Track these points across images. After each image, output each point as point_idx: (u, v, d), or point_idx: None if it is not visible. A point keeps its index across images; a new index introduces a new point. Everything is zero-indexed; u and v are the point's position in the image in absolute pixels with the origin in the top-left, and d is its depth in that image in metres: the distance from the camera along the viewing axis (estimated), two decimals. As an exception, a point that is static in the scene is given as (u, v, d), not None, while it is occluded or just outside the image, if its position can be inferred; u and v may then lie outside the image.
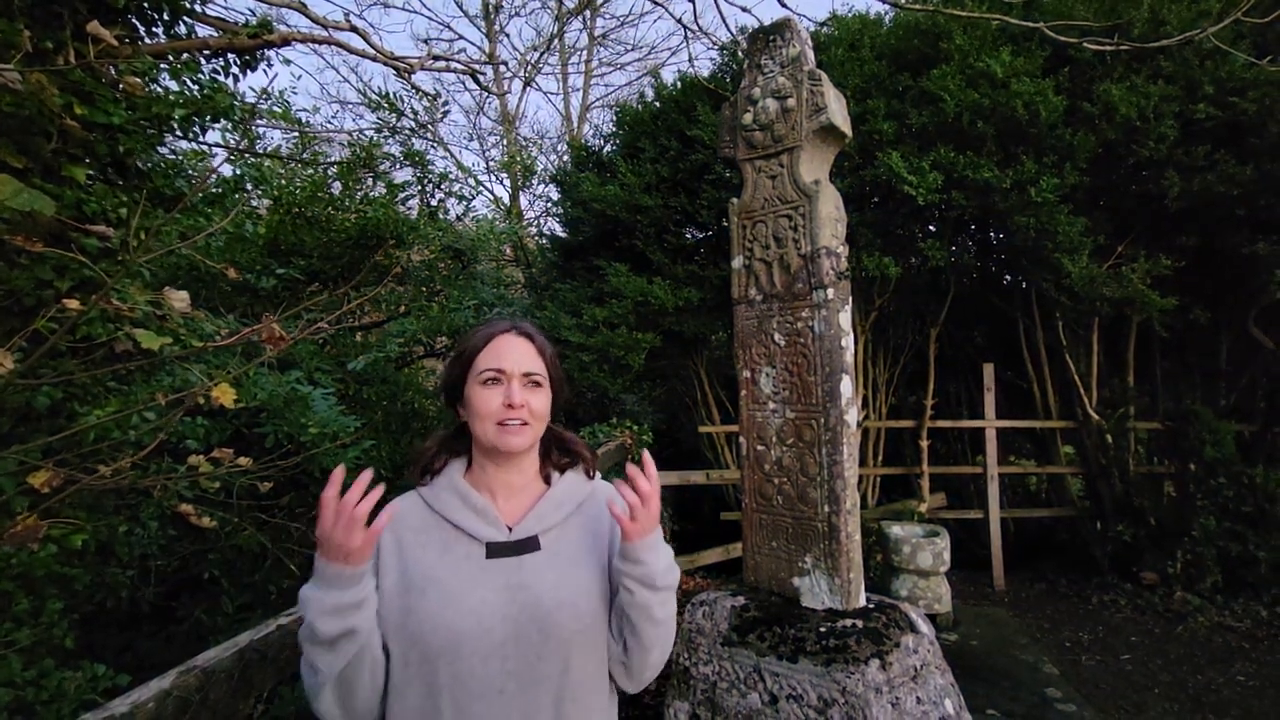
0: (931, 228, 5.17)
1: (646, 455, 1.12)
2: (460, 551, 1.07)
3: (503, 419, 1.09)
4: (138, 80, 2.24)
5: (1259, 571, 4.55)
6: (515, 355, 1.12)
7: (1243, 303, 4.92)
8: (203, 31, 2.92)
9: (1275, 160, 4.19)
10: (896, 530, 4.49)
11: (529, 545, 1.09)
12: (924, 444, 5.60)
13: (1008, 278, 5.85)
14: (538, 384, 1.14)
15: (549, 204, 10.79)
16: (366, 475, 0.97)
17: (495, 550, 1.07)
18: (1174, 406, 5.30)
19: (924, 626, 2.27)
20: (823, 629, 2.14)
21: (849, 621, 2.17)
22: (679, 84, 5.71)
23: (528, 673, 1.02)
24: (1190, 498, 4.84)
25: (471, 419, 1.11)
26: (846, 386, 2.28)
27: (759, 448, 2.46)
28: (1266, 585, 4.56)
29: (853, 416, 2.32)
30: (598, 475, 1.26)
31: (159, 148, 2.86)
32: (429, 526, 1.09)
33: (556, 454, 1.23)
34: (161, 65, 2.70)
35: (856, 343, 5.34)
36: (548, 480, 1.20)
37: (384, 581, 1.04)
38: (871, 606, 2.29)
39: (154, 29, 2.71)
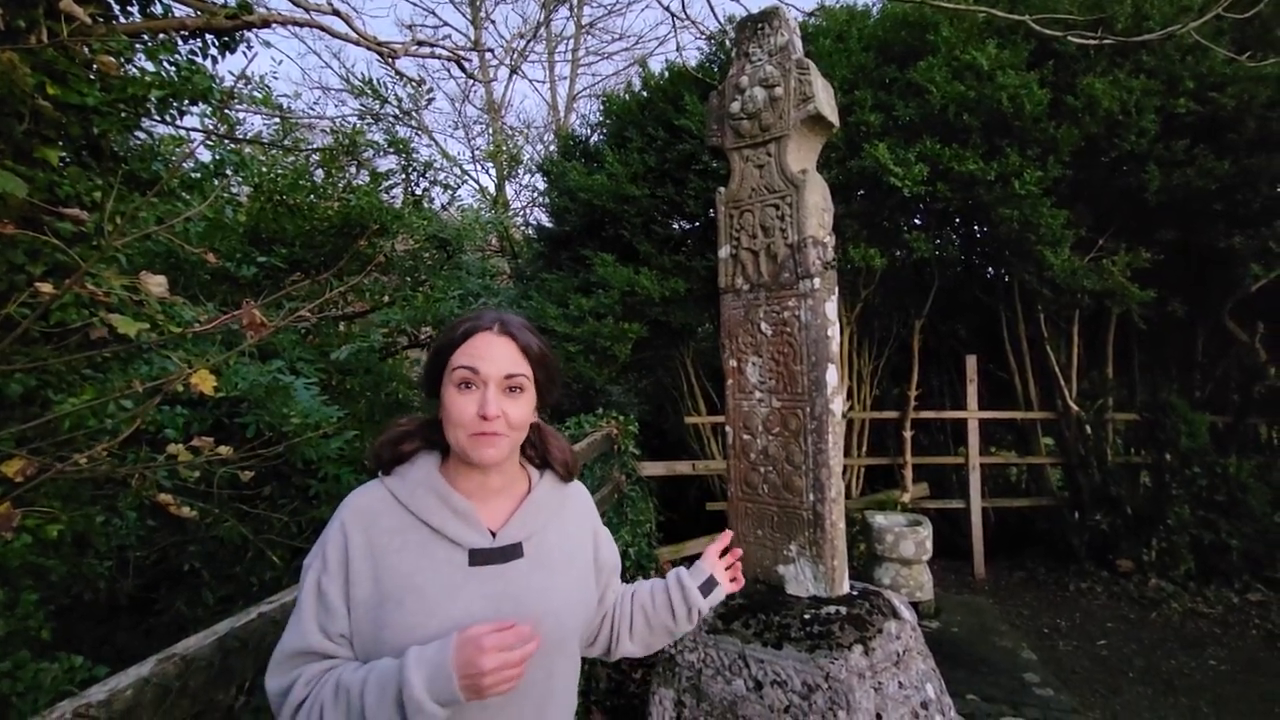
0: (916, 220, 5.21)
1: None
2: (440, 556, 0.99)
3: (476, 430, 0.99)
4: (112, 60, 2.16)
5: (1231, 559, 4.67)
6: (494, 356, 1.02)
7: (1219, 296, 5.02)
8: (180, 11, 2.84)
9: (1252, 155, 4.27)
10: (880, 520, 4.54)
11: (513, 552, 1.04)
12: (907, 435, 5.66)
13: (990, 271, 5.91)
14: (519, 389, 1.04)
15: (535, 194, 10.73)
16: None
17: (479, 558, 1.01)
18: (1151, 398, 5.41)
19: (906, 613, 2.30)
20: (807, 616, 2.16)
21: (833, 608, 2.19)
22: (666, 74, 5.68)
23: None
24: (1165, 487, 4.94)
25: (444, 422, 1.02)
26: (832, 376, 2.30)
27: (745, 437, 2.47)
28: (1238, 572, 4.68)
29: (838, 406, 2.33)
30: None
31: (135, 131, 2.79)
32: (404, 527, 1.00)
33: (532, 450, 1.16)
34: (137, 45, 2.63)
35: (841, 334, 5.37)
36: (527, 476, 1.14)
37: (356, 591, 0.96)
38: (855, 593, 2.32)
39: (129, 7, 2.64)
